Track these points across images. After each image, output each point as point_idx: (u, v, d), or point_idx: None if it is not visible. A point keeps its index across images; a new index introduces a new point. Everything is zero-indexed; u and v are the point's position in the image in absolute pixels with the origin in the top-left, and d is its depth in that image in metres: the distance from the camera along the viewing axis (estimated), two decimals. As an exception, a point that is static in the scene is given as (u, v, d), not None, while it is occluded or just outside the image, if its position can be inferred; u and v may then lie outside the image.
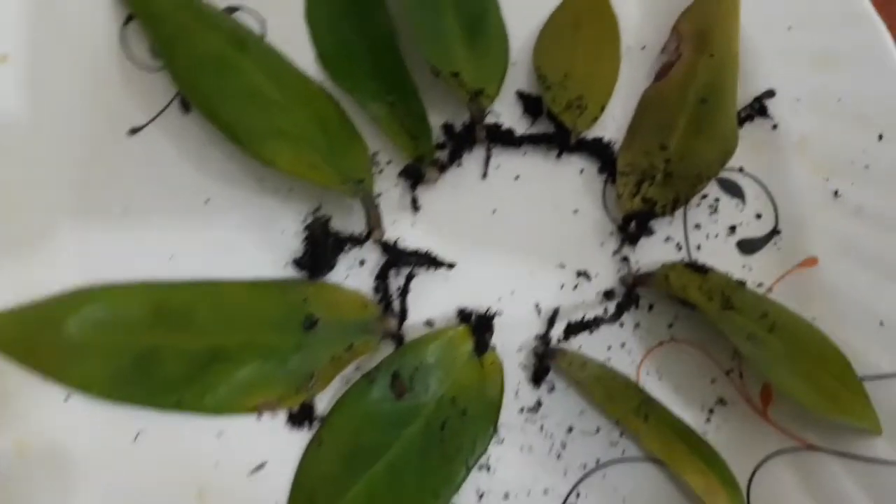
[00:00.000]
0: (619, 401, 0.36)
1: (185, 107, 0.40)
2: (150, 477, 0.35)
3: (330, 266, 0.37)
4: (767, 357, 0.35)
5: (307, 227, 0.37)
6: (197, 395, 0.35)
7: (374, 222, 0.37)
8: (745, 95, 0.41)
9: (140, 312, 0.36)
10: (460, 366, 0.36)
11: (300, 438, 0.35)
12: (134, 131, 0.39)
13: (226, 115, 0.36)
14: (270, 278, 0.37)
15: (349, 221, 0.39)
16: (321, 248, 0.36)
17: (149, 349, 0.35)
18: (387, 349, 0.37)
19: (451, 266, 0.38)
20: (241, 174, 0.39)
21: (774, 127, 0.41)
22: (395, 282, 0.38)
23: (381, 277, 0.38)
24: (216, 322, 0.36)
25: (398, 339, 0.37)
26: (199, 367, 0.35)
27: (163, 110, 0.39)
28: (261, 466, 0.35)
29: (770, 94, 0.41)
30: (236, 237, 0.38)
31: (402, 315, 0.37)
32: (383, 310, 0.37)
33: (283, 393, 0.35)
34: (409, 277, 0.38)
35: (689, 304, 0.37)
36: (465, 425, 0.35)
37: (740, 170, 0.41)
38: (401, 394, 0.35)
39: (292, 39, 0.40)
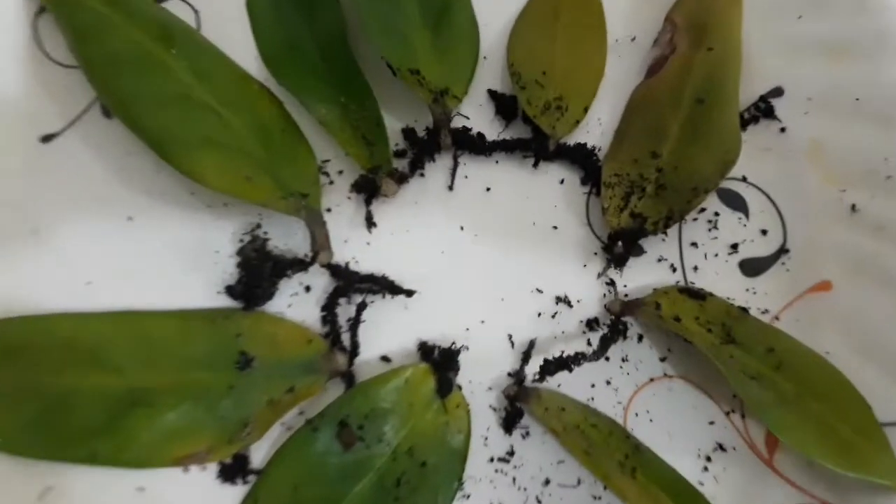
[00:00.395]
0: (602, 454, 0.32)
1: (108, 111, 0.36)
2: (59, 539, 0.32)
3: (268, 294, 0.34)
4: (773, 401, 0.32)
5: (240, 251, 0.33)
6: (114, 445, 0.31)
7: (320, 243, 0.34)
8: (748, 94, 0.38)
9: (49, 349, 0.32)
10: (420, 410, 0.33)
11: (232, 496, 0.32)
12: (47, 138, 0.36)
13: (147, 120, 0.33)
14: (200, 308, 0.34)
15: (293, 241, 0.36)
16: (257, 274, 0.33)
17: (59, 393, 0.31)
18: (335, 391, 0.34)
19: (410, 293, 0.36)
20: (169, 187, 0.36)
21: (782, 130, 0.38)
22: (346, 312, 0.35)
23: (329, 307, 0.34)
24: (137, 360, 0.32)
25: (348, 378, 0.34)
26: (117, 413, 0.32)
27: (81, 114, 0.36)
28: (187, 527, 0.32)
29: (777, 92, 0.39)
30: (163, 260, 0.35)
31: (353, 351, 0.34)
32: (331, 345, 0.34)
33: (214, 442, 0.32)
34: (362, 307, 0.34)
35: (684, 337, 0.35)
36: (425, 480, 0.32)
37: (743, 179, 0.38)
38: (349, 445, 0.32)
39: (231, 33, 0.37)
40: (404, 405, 0.32)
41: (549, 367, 0.34)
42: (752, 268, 0.37)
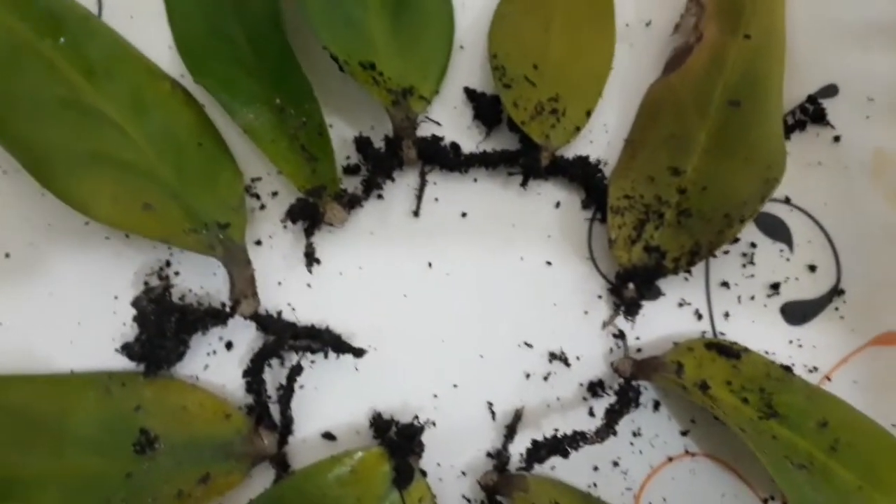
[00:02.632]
0: None
1: None
2: None
3: (176, 355, 0.29)
4: (828, 498, 0.27)
5: (135, 302, 0.27)
6: None
7: (241, 288, 0.29)
8: (792, 94, 0.35)
9: None
10: None
11: None
12: None
13: (22, 132, 0.29)
14: (90, 372, 0.29)
15: (212, 282, 0.31)
16: (159, 332, 0.28)
17: None
18: (262, 479, 0.29)
19: (360, 353, 0.31)
20: (57, 216, 0.31)
21: (836, 139, 0.35)
22: (277, 376, 0.30)
23: (254, 371, 0.29)
24: (6, 438, 0.28)
25: (279, 464, 0.29)
26: None
27: None
28: None
29: (830, 91, 0.35)
30: (46, 309, 0.31)
31: (285, 429, 0.30)
32: (255, 421, 0.29)
33: None
34: (296, 371, 0.29)
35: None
36: None
37: (787, 201, 0.35)
38: None
39: (139, 19, 0.33)
40: (351, 500, 0.28)
41: (539, 452, 0.29)
42: (797, 313, 0.33)
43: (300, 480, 0.28)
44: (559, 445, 0.29)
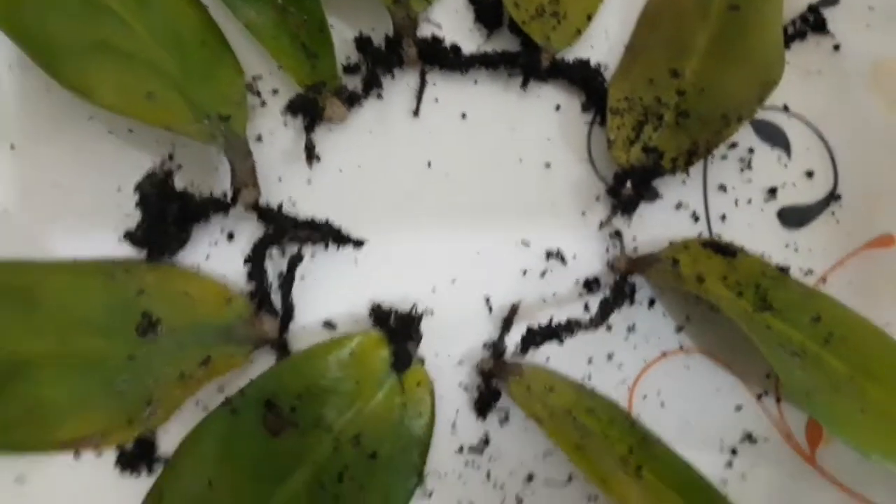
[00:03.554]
0: (599, 448, 0.27)
1: None
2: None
3: (178, 242, 0.29)
4: (820, 383, 0.28)
5: (138, 187, 0.28)
6: None
7: (242, 178, 0.29)
8: (794, 4, 0.35)
9: None
10: (369, 389, 0.29)
11: (134, 489, 0.28)
12: None
13: (28, 22, 0.29)
14: (94, 259, 0.30)
15: (214, 176, 0.32)
16: (161, 218, 0.28)
17: None
18: (263, 363, 0.30)
19: (360, 243, 0.31)
20: (61, 109, 0.32)
21: (836, 48, 0.35)
22: (278, 266, 0.31)
23: (256, 259, 0.30)
24: (14, 321, 0.28)
25: (279, 348, 0.30)
26: None
27: None
28: (77, 529, 0.29)
29: (831, 0, 0.36)
30: (52, 199, 0.31)
31: (286, 314, 0.30)
32: (257, 306, 0.30)
33: (110, 423, 0.28)
34: (296, 259, 0.29)
35: (708, 302, 0.31)
36: (375, 474, 0.28)
37: (785, 109, 0.35)
38: (277, 431, 0.27)
39: None
40: (350, 382, 0.28)
41: (535, 337, 0.30)
42: (793, 218, 0.34)
43: (300, 362, 0.28)
44: (554, 332, 0.29)
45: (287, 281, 0.29)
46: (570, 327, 0.29)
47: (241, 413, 0.27)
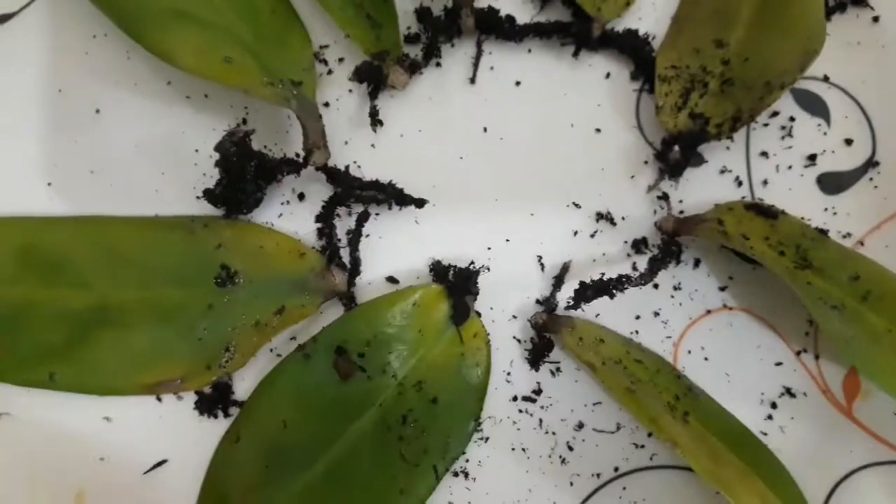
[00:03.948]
0: (648, 394, 0.28)
1: None
2: (15, 473, 0.30)
3: (254, 200, 0.31)
4: (858, 335, 0.29)
5: (218, 146, 0.29)
6: (76, 368, 0.30)
7: (314, 140, 0.30)
8: None
9: (2, 258, 0.30)
10: (431, 339, 0.30)
11: (212, 430, 0.30)
12: (3, 19, 0.33)
13: None
14: (174, 216, 0.32)
15: (284, 139, 0.33)
16: (239, 175, 0.29)
17: (13, 305, 0.30)
18: (332, 314, 0.32)
19: (421, 203, 0.33)
20: (142, 76, 0.33)
21: (875, 20, 0.35)
22: (346, 224, 0.32)
23: (325, 217, 0.31)
24: (102, 273, 0.30)
25: (348, 300, 0.31)
26: (79, 332, 0.30)
27: None
28: (159, 464, 0.31)
29: None
30: (134, 160, 0.33)
31: (354, 268, 0.32)
32: (327, 261, 0.31)
33: (190, 368, 0.30)
34: (363, 217, 0.31)
35: (751, 261, 0.32)
36: (436, 419, 0.29)
37: (825, 79, 0.35)
38: (347, 375, 0.29)
39: None
40: (413, 332, 0.30)
41: (586, 292, 0.30)
42: (832, 184, 0.34)
43: (367, 311, 0.30)
44: (605, 286, 0.30)
45: (355, 237, 0.31)
46: (621, 282, 0.30)
47: (313, 358, 0.29)
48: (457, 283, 0.31)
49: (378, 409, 0.29)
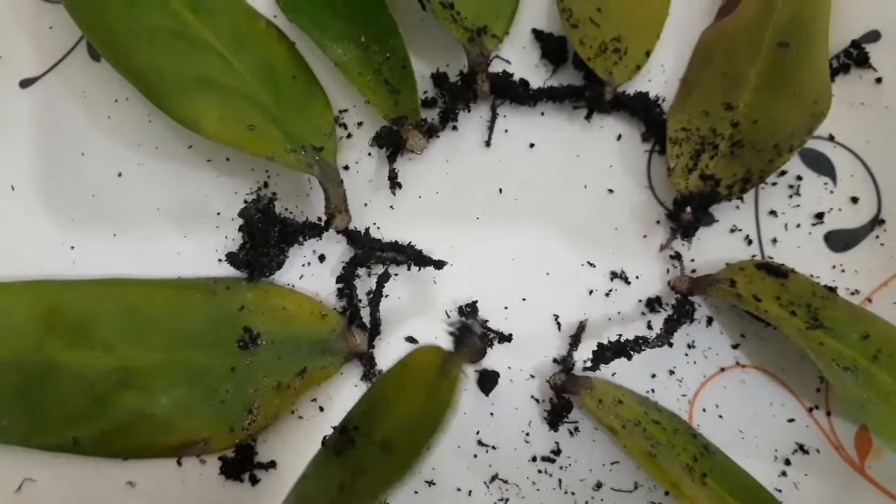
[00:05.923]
0: (667, 456, 0.28)
1: (95, 52, 0.34)
2: (36, 541, 0.31)
3: (276, 263, 0.31)
4: (869, 396, 0.29)
5: (243, 212, 0.30)
6: (100, 432, 0.30)
7: (336, 204, 0.31)
8: (837, 39, 0.36)
9: (27, 320, 0.30)
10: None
11: (237, 493, 0.31)
12: (26, 83, 0.34)
13: (138, 60, 0.31)
14: (198, 277, 0.32)
15: (305, 204, 0.34)
16: (263, 240, 0.30)
17: (37, 368, 0.30)
18: (352, 374, 0.32)
19: (440, 265, 0.33)
20: (164, 139, 0.34)
21: (878, 81, 0.36)
22: (366, 285, 0.33)
23: (346, 278, 0.32)
24: (126, 335, 0.31)
25: (368, 361, 0.32)
26: (103, 395, 0.30)
27: (65, 56, 0.35)
28: (183, 533, 0.31)
29: (873, 36, 0.37)
30: (156, 222, 0.33)
31: (374, 328, 0.32)
32: (348, 322, 0.32)
33: (213, 431, 0.30)
34: (384, 278, 0.32)
35: (762, 319, 0.32)
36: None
37: (830, 138, 0.36)
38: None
39: None
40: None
41: (605, 354, 0.31)
42: (840, 241, 0.35)
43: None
44: (623, 348, 0.31)
45: (375, 297, 0.31)
46: (638, 344, 0.31)
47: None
48: (459, 334, 0.30)
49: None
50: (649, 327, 0.33)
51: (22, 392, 0.30)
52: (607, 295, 0.33)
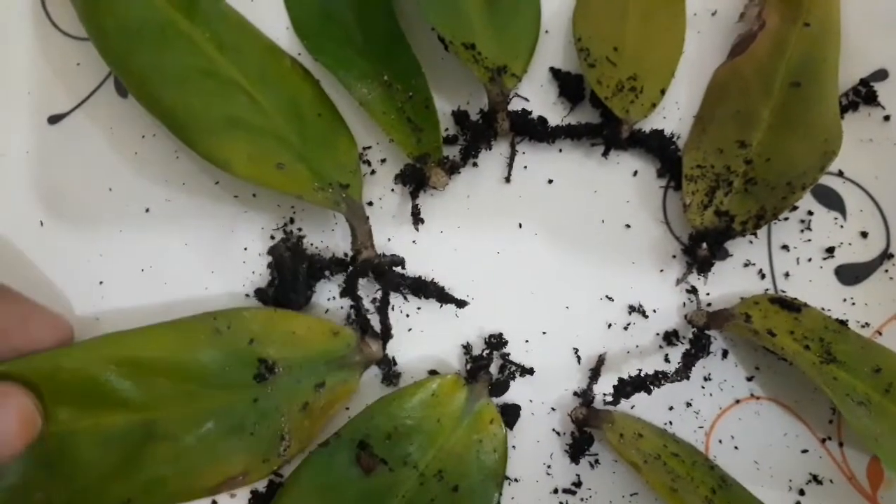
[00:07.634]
0: (687, 490, 0.29)
1: (122, 88, 0.34)
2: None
3: (305, 298, 0.32)
4: (882, 429, 0.30)
5: (272, 249, 0.30)
6: (138, 487, 0.29)
7: (362, 240, 0.32)
8: (846, 77, 0.37)
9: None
10: (449, 427, 0.31)
11: None
12: (55, 119, 0.35)
13: (166, 99, 0.31)
14: (193, 315, 0.31)
15: (330, 240, 0.34)
16: (292, 277, 0.30)
17: (54, 442, 0.28)
18: (373, 386, 0.33)
19: (462, 304, 0.34)
20: (191, 175, 0.35)
21: (886, 119, 0.37)
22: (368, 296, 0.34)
23: (350, 291, 0.32)
24: (134, 389, 0.29)
25: (386, 365, 0.33)
26: (131, 452, 0.29)
27: (93, 92, 0.35)
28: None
29: (880, 75, 0.37)
30: (184, 258, 0.34)
31: (385, 331, 0.33)
32: (361, 332, 0.32)
33: (248, 464, 0.30)
34: (388, 286, 0.32)
35: (775, 352, 0.33)
36: None
37: (840, 174, 0.37)
38: (370, 469, 0.30)
39: (259, 4, 0.36)
40: (432, 421, 0.31)
41: (625, 388, 0.32)
42: (850, 275, 0.35)
43: (388, 404, 0.31)
44: (643, 383, 0.31)
45: (383, 304, 0.32)
46: (658, 379, 0.31)
47: (335, 455, 0.30)
48: (474, 367, 0.32)
49: (401, 500, 0.29)
50: (667, 360, 0.34)
51: (44, 467, 0.28)
52: (626, 328, 0.34)
